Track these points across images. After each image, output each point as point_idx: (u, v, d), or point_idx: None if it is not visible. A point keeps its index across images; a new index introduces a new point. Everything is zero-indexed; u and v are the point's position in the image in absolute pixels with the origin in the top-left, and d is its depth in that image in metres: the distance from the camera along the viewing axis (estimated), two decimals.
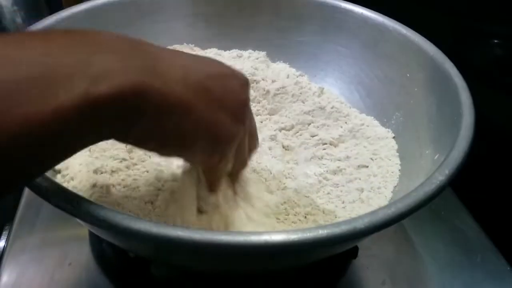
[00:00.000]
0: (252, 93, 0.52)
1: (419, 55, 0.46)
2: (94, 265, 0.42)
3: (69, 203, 0.27)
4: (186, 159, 0.34)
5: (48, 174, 0.30)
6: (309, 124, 0.49)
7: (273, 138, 0.47)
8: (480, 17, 0.61)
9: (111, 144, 0.41)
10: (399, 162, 0.45)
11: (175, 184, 0.38)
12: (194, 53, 0.55)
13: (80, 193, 0.30)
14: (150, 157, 0.41)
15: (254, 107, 0.51)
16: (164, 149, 0.29)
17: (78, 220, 0.29)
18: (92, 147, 0.41)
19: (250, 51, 0.57)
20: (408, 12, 0.52)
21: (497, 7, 0.58)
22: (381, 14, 0.52)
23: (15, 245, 0.43)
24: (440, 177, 0.30)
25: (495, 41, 0.62)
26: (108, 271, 0.41)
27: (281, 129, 0.49)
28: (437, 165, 0.32)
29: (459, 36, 0.63)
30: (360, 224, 0.27)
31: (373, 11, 0.52)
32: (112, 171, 0.39)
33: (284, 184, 0.42)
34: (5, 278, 0.40)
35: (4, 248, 0.43)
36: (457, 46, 0.61)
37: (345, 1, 0.54)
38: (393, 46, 0.49)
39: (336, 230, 0.26)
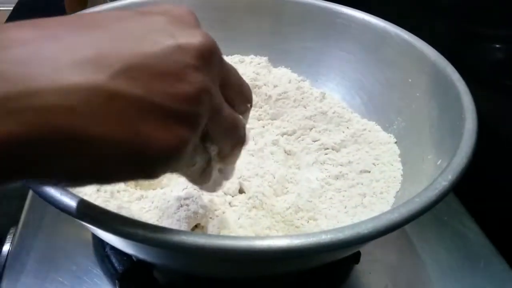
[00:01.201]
0: (254, 98, 0.52)
1: (421, 60, 0.46)
2: (98, 269, 0.42)
3: (74, 207, 0.27)
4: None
5: None
6: (311, 129, 0.49)
7: (275, 143, 0.47)
8: (481, 21, 0.61)
9: None
10: (401, 167, 0.45)
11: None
12: None
13: (85, 197, 0.30)
14: None
15: (256, 112, 0.51)
16: (75, 183, 0.22)
17: (84, 224, 0.29)
18: None
19: (252, 56, 0.58)
20: (409, 17, 0.53)
21: (498, 11, 0.58)
22: (383, 20, 0.52)
23: (19, 249, 0.44)
24: (444, 183, 0.30)
25: (497, 45, 0.62)
26: (112, 275, 0.41)
27: (283, 134, 0.49)
28: (439, 170, 0.33)
29: (461, 41, 0.63)
30: (363, 229, 0.27)
31: (374, 16, 0.52)
32: None
33: (287, 188, 0.42)
34: (9, 281, 0.41)
35: (9, 252, 0.43)
36: (459, 51, 0.61)
37: (347, 7, 0.55)
38: (394, 51, 0.50)
39: (340, 235, 0.26)
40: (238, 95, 0.27)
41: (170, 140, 0.21)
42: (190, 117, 0.22)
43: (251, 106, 0.29)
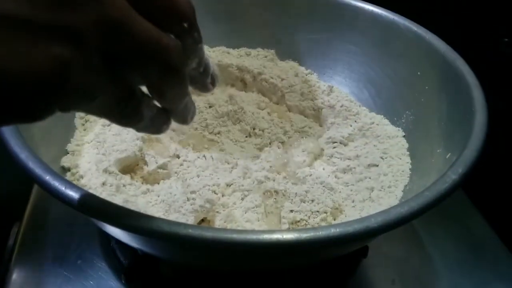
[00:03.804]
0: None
1: (430, 53, 0.45)
2: (103, 263, 0.42)
3: (79, 201, 0.27)
4: None
5: (58, 171, 0.30)
6: None
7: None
8: (490, 15, 0.60)
9: (120, 141, 0.41)
10: (409, 161, 0.44)
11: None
12: None
13: (90, 191, 0.30)
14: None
15: None
16: None
17: (89, 218, 0.29)
18: (100, 142, 0.41)
19: (258, 49, 0.57)
20: (418, 10, 0.52)
21: (507, 5, 0.57)
22: (392, 12, 0.51)
23: (24, 244, 0.43)
24: (454, 176, 0.30)
25: (505, 39, 0.61)
26: (117, 269, 0.41)
27: None
28: (448, 164, 0.32)
29: (470, 34, 0.63)
30: (372, 223, 0.26)
31: (383, 9, 0.52)
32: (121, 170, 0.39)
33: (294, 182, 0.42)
34: (14, 276, 0.40)
35: (13, 247, 0.43)
36: (467, 44, 0.60)
37: None
38: (403, 44, 0.49)
39: (349, 229, 0.26)
40: (163, 9, 0.20)
41: (37, 62, 0.16)
42: (63, 30, 0.16)
43: (190, 27, 0.22)
